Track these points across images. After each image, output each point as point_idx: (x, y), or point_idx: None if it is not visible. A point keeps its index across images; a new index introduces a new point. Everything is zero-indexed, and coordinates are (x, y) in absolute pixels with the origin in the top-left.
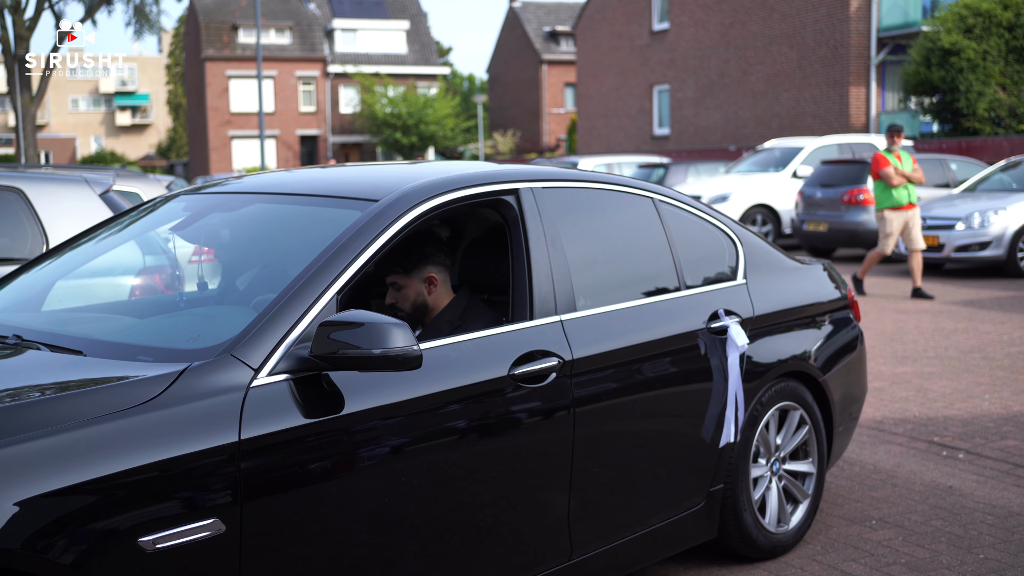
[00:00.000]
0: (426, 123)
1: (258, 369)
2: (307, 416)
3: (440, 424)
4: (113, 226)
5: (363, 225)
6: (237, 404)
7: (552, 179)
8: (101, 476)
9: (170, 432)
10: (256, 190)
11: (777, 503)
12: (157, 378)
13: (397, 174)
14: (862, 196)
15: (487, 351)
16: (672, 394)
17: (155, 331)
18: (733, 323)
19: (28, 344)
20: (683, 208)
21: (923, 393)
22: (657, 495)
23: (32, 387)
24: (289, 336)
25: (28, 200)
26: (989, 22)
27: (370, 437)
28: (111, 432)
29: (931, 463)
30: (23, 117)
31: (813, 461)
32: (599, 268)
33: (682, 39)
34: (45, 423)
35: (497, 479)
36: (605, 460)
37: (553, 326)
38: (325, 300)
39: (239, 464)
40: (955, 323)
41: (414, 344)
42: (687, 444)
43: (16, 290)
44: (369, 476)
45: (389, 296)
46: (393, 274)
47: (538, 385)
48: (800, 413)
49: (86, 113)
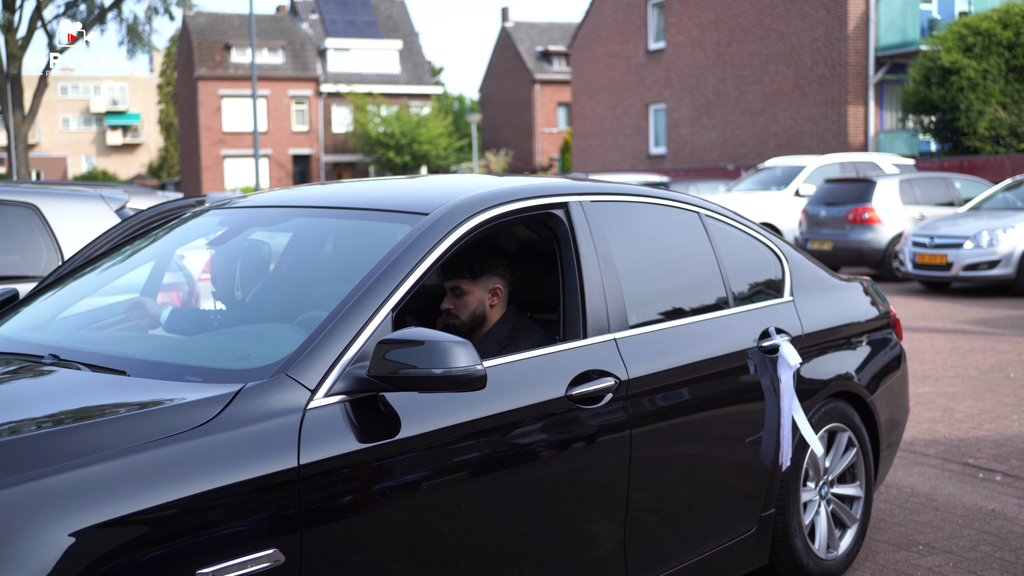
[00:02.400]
0: (419, 142)
1: (315, 390)
2: (365, 439)
3: (499, 447)
4: (142, 241)
5: (416, 239)
6: (295, 427)
7: (600, 192)
8: (158, 504)
9: (227, 457)
10: (296, 204)
11: (826, 528)
12: (211, 399)
13: (443, 187)
14: (867, 215)
15: (543, 371)
16: (725, 415)
17: (200, 350)
18: (784, 341)
19: (67, 364)
20: (729, 223)
21: (950, 414)
22: (711, 520)
23: (79, 411)
24: (345, 355)
25: (43, 216)
26: (989, 41)
27: (429, 460)
28: (167, 457)
29: (968, 486)
30: (15, 136)
31: (861, 484)
32: (649, 284)
33: (678, 58)
34: (97, 449)
35: (557, 504)
36: (661, 483)
37: (607, 344)
38: (381, 317)
39: (298, 490)
40: (971, 342)
41: (478, 363)
42: (740, 467)
43: (45, 307)
44: (429, 500)
45: (447, 301)
46: (459, 278)
47: (595, 406)
48: (848, 435)
49: (77, 132)
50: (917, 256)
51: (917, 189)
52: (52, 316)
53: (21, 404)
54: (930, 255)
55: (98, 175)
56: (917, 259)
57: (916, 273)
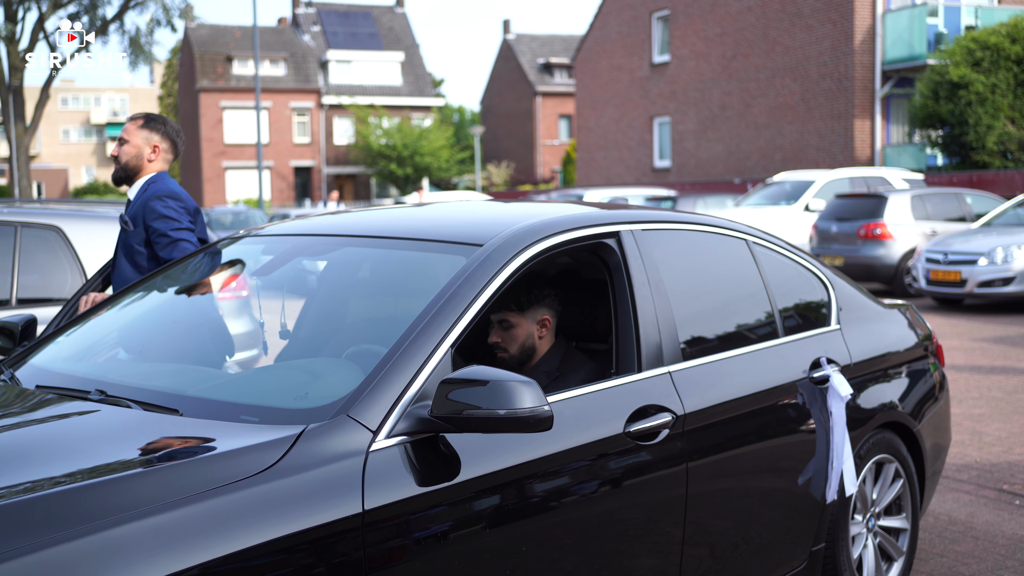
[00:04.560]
0: (420, 154)
1: (376, 431)
2: (426, 482)
3: (560, 486)
4: (180, 270)
5: (472, 272)
6: (358, 470)
7: (651, 220)
8: (223, 555)
9: (292, 503)
10: (344, 232)
11: (874, 562)
12: (272, 443)
13: (494, 216)
14: (879, 230)
15: (602, 407)
16: (777, 447)
17: (253, 387)
18: (835, 372)
19: (115, 401)
20: (775, 250)
21: (978, 437)
22: (763, 555)
23: (137, 456)
24: (406, 394)
25: (67, 239)
26: (997, 55)
27: (491, 502)
28: (231, 505)
29: (1006, 513)
30: (16, 147)
31: (907, 517)
32: (701, 314)
33: (683, 71)
34: (160, 498)
35: (614, 541)
36: (716, 519)
37: (663, 378)
38: (441, 353)
39: (363, 536)
40: (990, 361)
41: (544, 404)
42: (791, 501)
43: (83, 338)
44: (490, 541)
45: (494, 334)
46: (505, 311)
47: (652, 442)
48: (896, 466)
49: (77, 143)
50: (931, 272)
51: (928, 204)
52: (92, 347)
53: (73, 448)
54: (944, 271)
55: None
56: (931, 275)
57: (930, 289)
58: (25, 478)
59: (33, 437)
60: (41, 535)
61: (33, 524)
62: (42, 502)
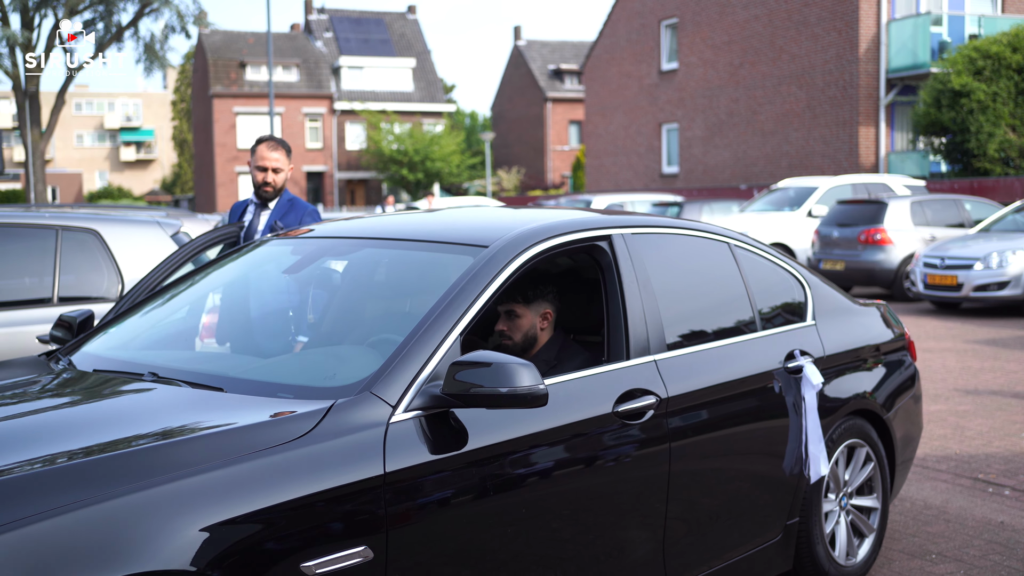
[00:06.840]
0: (432, 160)
1: (395, 406)
2: (438, 450)
3: (555, 458)
4: (214, 268)
5: (478, 270)
6: (380, 439)
7: (640, 225)
8: (268, 506)
9: (324, 465)
10: (364, 235)
11: (846, 536)
12: (306, 414)
13: (499, 221)
14: (879, 236)
15: (593, 389)
16: (754, 430)
17: (287, 369)
18: (808, 363)
19: (167, 381)
20: (755, 252)
21: (960, 431)
22: (741, 527)
23: (190, 423)
24: (421, 374)
25: (104, 241)
26: (999, 64)
27: (494, 470)
28: (273, 465)
29: (979, 499)
30: (32, 152)
31: (878, 496)
32: (685, 309)
33: (691, 79)
34: (213, 457)
35: (604, 512)
36: (697, 494)
37: (648, 365)
38: (451, 340)
39: (384, 495)
40: (981, 362)
41: (540, 383)
42: (767, 479)
43: (129, 330)
44: (493, 504)
45: (501, 323)
46: (513, 303)
47: (638, 422)
48: (866, 450)
49: (91, 148)
50: (928, 277)
51: (928, 211)
52: (138, 337)
53: (137, 417)
54: (941, 276)
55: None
56: (928, 280)
57: (927, 293)
58: (101, 439)
59: (101, 409)
60: (121, 485)
61: (117, 475)
62: (122, 459)
